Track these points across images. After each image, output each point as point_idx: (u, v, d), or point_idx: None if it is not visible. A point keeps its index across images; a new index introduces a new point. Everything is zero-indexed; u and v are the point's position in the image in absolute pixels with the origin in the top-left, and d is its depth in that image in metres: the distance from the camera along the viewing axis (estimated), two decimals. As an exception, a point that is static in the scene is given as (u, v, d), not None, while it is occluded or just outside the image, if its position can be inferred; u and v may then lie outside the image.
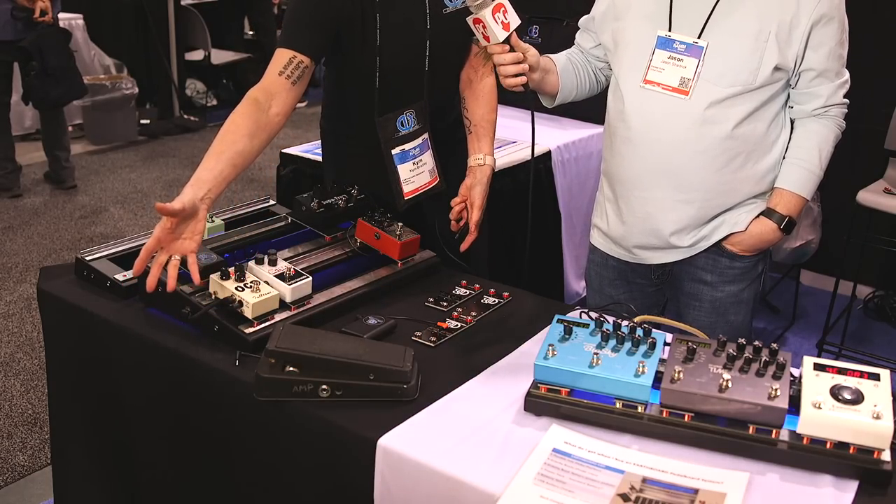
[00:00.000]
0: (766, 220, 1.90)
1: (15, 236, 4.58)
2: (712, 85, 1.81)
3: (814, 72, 1.83)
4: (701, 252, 1.95)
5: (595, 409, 1.41)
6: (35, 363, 3.35)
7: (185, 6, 6.77)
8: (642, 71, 1.87)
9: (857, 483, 1.29)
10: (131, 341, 1.70)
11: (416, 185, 2.06)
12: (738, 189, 1.89)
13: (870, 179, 3.44)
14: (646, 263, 2.01)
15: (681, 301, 2.05)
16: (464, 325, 1.74)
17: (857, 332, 3.79)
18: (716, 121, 1.82)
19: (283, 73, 1.85)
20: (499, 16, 1.68)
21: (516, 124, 3.26)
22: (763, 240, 1.91)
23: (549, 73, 1.96)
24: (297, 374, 1.46)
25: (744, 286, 1.98)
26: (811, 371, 1.36)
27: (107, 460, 1.86)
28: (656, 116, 1.86)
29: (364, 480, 1.39)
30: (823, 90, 1.85)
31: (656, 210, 1.91)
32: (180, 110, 6.77)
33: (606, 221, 2.05)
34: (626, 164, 1.93)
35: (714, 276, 1.97)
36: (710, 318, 2.00)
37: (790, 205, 1.89)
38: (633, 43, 1.90)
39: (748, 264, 1.97)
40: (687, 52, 1.83)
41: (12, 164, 5.11)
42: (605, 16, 1.98)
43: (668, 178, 1.88)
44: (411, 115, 2.03)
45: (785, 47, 1.79)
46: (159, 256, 1.62)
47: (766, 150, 1.88)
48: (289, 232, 2.02)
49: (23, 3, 4.63)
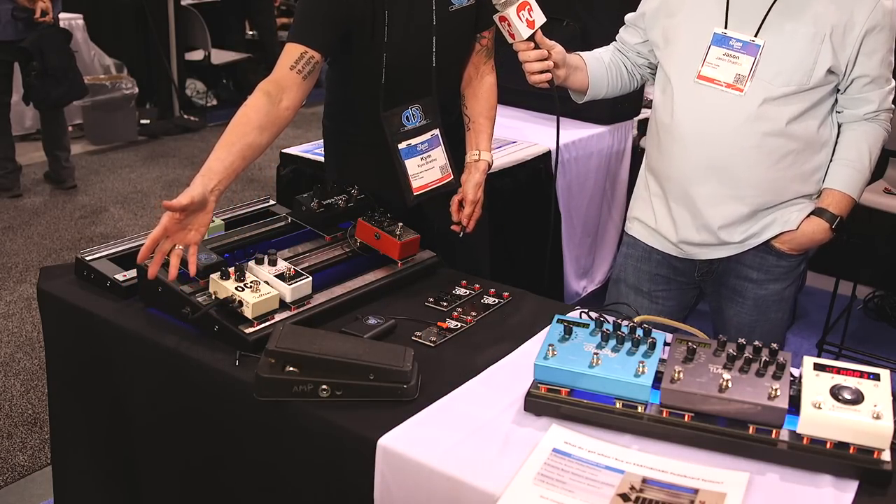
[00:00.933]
0: (818, 220, 1.91)
1: (15, 236, 4.58)
2: (767, 83, 1.83)
3: (867, 77, 1.86)
4: (749, 249, 1.96)
5: (595, 409, 1.41)
6: (35, 363, 3.35)
7: (185, 6, 6.76)
8: (696, 67, 1.89)
9: (857, 483, 1.29)
10: (131, 341, 1.70)
11: (425, 180, 2.05)
12: (787, 187, 1.90)
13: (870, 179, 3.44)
14: (693, 259, 2.01)
15: (723, 296, 2.05)
16: (464, 325, 1.74)
17: (857, 332, 3.79)
18: (769, 117, 1.84)
19: (294, 68, 1.85)
20: (524, 14, 1.73)
21: (516, 124, 3.27)
22: (814, 239, 1.93)
23: (578, 69, 1.99)
24: (297, 374, 1.46)
25: (787, 284, 2.01)
26: (811, 371, 1.36)
27: (107, 460, 1.86)
28: (708, 112, 1.87)
29: (364, 480, 1.39)
30: (875, 96, 1.88)
31: (706, 206, 1.93)
32: (180, 110, 6.77)
33: (654, 217, 2.04)
34: (675, 159, 1.95)
35: (760, 274, 1.98)
36: (752, 316, 2.02)
37: (841, 204, 1.91)
38: (688, 39, 1.92)
39: (793, 263, 1.98)
40: (743, 49, 1.84)
41: (12, 164, 5.10)
42: (658, 12, 1.99)
43: (718, 174, 1.89)
44: (417, 110, 2.03)
45: (839, 51, 1.81)
46: (163, 245, 1.64)
47: (816, 151, 1.90)
48: (289, 232, 2.01)
49: (23, 3, 4.63)
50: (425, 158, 2.05)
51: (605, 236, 3.70)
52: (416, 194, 2.04)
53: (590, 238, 3.62)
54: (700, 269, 2.03)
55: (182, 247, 1.65)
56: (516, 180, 3.12)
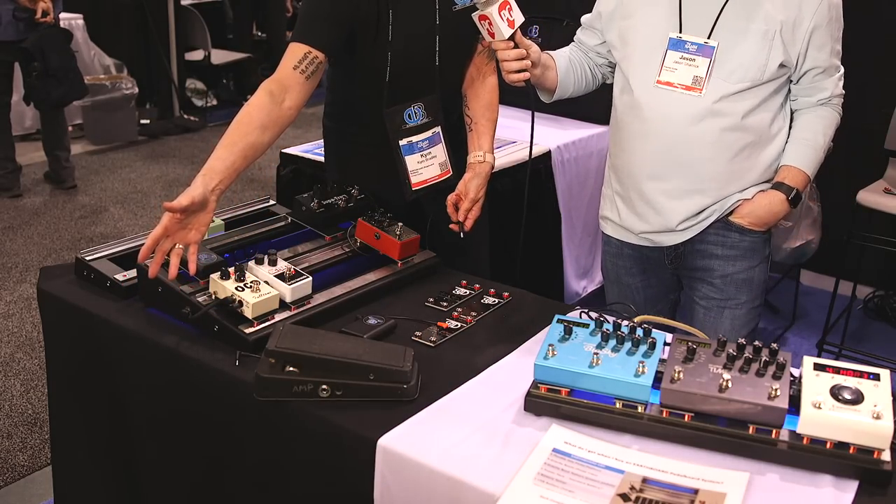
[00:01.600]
0: (774, 192, 1.97)
1: (15, 236, 4.58)
2: (723, 81, 1.89)
3: (818, 69, 1.93)
4: (709, 227, 2.00)
5: (595, 409, 1.41)
6: (35, 363, 3.35)
7: (185, 6, 6.76)
8: (655, 70, 1.93)
9: (857, 483, 1.29)
10: (131, 341, 1.70)
11: (424, 176, 2.08)
12: (745, 177, 1.97)
13: (870, 179, 3.44)
14: (659, 246, 2.06)
15: (694, 277, 2.08)
16: (464, 325, 1.74)
17: (857, 332, 3.79)
18: (726, 113, 1.89)
19: (297, 68, 1.85)
20: (504, 13, 1.72)
21: (516, 124, 3.26)
22: (772, 211, 1.96)
23: (549, 69, 2.02)
24: (297, 374, 1.46)
25: (754, 263, 2.04)
26: (811, 371, 1.36)
27: (107, 460, 1.86)
28: (668, 111, 1.92)
29: (364, 480, 1.39)
30: (828, 83, 1.96)
31: (667, 199, 1.98)
32: (180, 110, 6.77)
33: (618, 214, 2.09)
34: (637, 157, 2.00)
35: (725, 250, 2.02)
36: (721, 295, 2.05)
37: (797, 179, 1.96)
38: (644, 43, 1.96)
39: (757, 240, 2.02)
40: (698, 52, 1.90)
41: (12, 164, 5.10)
42: (614, 14, 2.02)
43: (680, 170, 1.95)
44: (419, 108, 2.04)
45: (789, 46, 1.88)
46: (163, 244, 1.64)
47: (770, 140, 1.96)
48: (289, 232, 2.01)
49: (24, 3, 4.63)
50: (425, 155, 2.08)
51: (605, 236, 3.70)
52: (415, 189, 2.07)
53: (590, 238, 3.62)
54: (668, 255, 2.07)
55: (182, 246, 1.66)
56: (516, 180, 3.12)
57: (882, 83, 3.68)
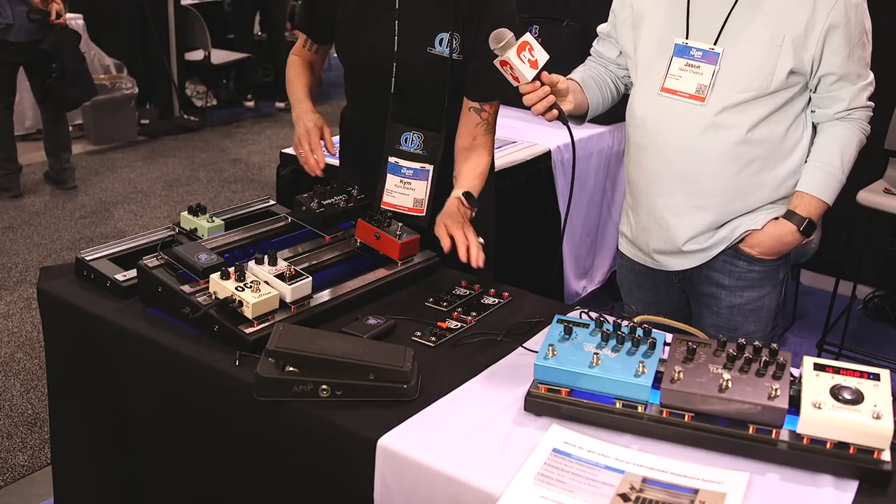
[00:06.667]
0: (784, 222, 1.88)
1: (15, 236, 4.58)
2: (726, 90, 1.81)
3: (834, 76, 1.82)
4: (718, 256, 1.93)
5: (595, 409, 1.41)
6: (35, 363, 3.35)
7: (185, 6, 6.76)
8: (659, 78, 1.88)
9: (857, 483, 1.29)
10: (131, 341, 1.70)
11: (396, 201, 2.08)
12: (755, 194, 1.88)
13: (870, 179, 3.43)
14: (666, 270, 2.01)
15: (701, 304, 2.04)
16: (464, 325, 1.74)
17: (857, 332, 3.79)
18: (728, 125, 1.82)
19: (304, 46, 2.21)
20: (525, 55, 1.64)
21: (516, 124, 3.26)
22: (782, 241, 1.89)
23: (577, 93, 1.95)
24: (297, 374, 1.46)
25: (764, 293, 1.96)
26: (811, 371, 1.36)
27: (107, 460, 1.86)
28: (671, 122, 1.87)
29: (364, 480, 1.39)
30: (845, 93, 1.84)
31: (672, 215, 1.92)
32: (180, 110, 6.76)
33: (630, 228, 2.06)
34: (642, 170, 1.95)
35: (732, 280, 1.95)
36: (728, 325, 1.98)
37: (810, 207, 1.87)
38: (650, 49, 1.91)
39: (768, 269, 1.94)
40: (703, 58, 1.83)
41: (14, 164, 5.10)
42: (626, 22, 1.97)
43: (683, 184, 1.89)
44: (418, 137, 2.05)
45: (801, 51, 1.78)
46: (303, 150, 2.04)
47: (786, 155, 1.87)
48: (289, 232, 2.01)
49: (37, 5, 4.63)
50: (405, 183, 2.07)
51: (605, 236, 3.70)
52: (382, 207, 2.05)
53: (590, 238, 3.62)
54: (676, 275, 2.03)
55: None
56: (516, 180, 3.12)
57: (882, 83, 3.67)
